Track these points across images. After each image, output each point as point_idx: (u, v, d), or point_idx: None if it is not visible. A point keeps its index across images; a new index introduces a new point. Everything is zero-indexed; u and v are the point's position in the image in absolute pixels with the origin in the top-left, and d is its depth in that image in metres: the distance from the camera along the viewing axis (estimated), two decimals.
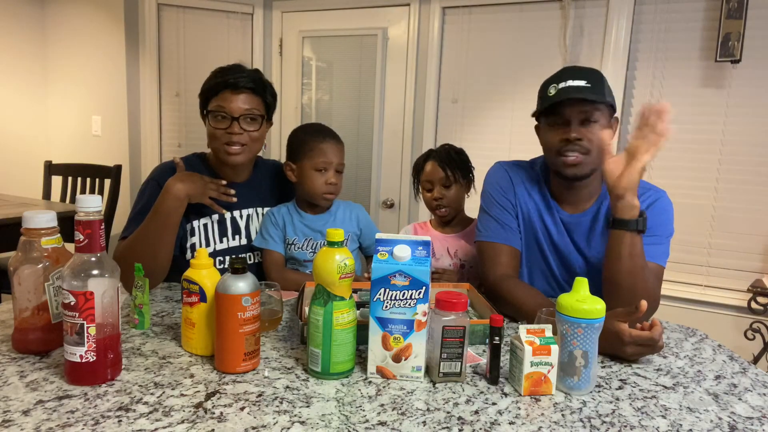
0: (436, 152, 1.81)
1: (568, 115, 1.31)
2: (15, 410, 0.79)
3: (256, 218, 1.58)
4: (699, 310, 2.56)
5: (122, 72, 3.34)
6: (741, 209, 2.49)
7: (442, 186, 1.76)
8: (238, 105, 1.43)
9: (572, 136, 1.30)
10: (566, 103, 1.30)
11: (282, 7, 3.41)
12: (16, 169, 3.66)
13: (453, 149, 1.82)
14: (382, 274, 0.92)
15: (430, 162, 1.80)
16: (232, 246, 1.53)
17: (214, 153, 1.51)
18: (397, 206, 3.27)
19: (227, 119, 1.43)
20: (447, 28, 3.04)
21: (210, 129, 1.46)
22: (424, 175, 1.81)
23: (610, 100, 1.32)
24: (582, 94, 1.27)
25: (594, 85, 1.30)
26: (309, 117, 3.41)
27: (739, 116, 2.46)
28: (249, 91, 1.45)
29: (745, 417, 0.88)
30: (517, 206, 1.45)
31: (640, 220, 1.22)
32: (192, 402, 0.84)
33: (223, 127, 1.44)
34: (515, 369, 0.94)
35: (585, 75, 1.32)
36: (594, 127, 1.30)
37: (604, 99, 1.29)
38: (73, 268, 0.86)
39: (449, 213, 1.80)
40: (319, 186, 1.50)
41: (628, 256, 1.22)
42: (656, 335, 1.03)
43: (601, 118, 1.31)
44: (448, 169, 1.75)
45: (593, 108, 1.29)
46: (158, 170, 1.52)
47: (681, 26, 2.52)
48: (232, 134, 1.44)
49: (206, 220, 1.50)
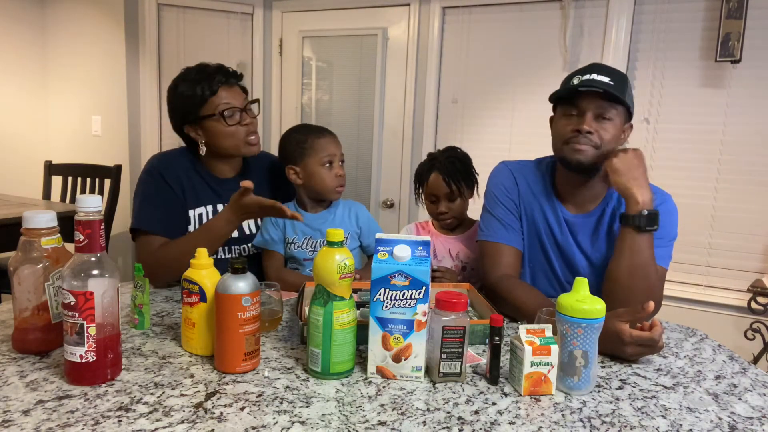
0: (440, 163, 1.74)
1: (585, 106, 1.30)
2: (15, 410, 0.79)
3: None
4: (699, 310, 2.56)
5: (122, 72, 3.34)
6: (741, 209, 2.49)
7: (447, 200, 1.74)
8: (238, 97, 1.47)
9: (584, 128, 1.29)
10: (586, 94, 1.29)
11: (282, 7, 3.41)
12: (16, 169, 3.66)
13: (457, 158, 1.76)
14: (382, 274, 0.92)
15: (434, 174, 1.75)
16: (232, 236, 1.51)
17: (230, 150, 1.49)
18: (397, 206, 3.27)
19: (236, 114, 1.45)
20: (447, 28, 3.04)
21: (225, 129, 1.45)
22: (427, 188, 1.77)
23: (629, 103, 1.31)
24: (605, 87, 1.26)
25: (617, 84, 1.29)
26: (309, 117, 3.41)
27: (739, 116, 2.46)
28: (234, 82, 1.49)
29: (745, 417, 0.88)
30: (520, 206, 1.45)
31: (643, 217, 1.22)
32: (192, 402, 0.84)
33: (238, 123, 1.46)
34: (515, 369, 0.94)
35: (611, 73, 1.31)
36: (607, 124, 1.30)
37: (623, 99, 1.28)
38: (73, 268, 0.86)
39: (453, 223, 1.79)
40: (330, 181, 1.51)
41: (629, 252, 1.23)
42: (656, 335, 1.03)
43: (616, 118, 1.30)
44: (453, 184, 1.71)
45: (611, 105, 1.29)
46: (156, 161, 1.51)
47: (681, 26, 2.53)
48: (249, 125, 1.47)
49: (202, 210, 1.51)
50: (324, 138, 1.52)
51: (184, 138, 1.53)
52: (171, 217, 1.46)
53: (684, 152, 2.56)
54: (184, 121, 1.49)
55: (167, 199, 1.47)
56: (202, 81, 1.44)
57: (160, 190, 1.46)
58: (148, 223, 1.44)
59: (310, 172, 1.51)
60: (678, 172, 2.58)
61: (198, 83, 1.44)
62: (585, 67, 1.35)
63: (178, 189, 1.49)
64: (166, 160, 1.52)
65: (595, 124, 1.30)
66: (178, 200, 1.48)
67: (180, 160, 1.53)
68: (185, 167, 1.52)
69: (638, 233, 1.22)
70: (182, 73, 1.49)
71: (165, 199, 1.47)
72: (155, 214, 1.44)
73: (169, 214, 1.46)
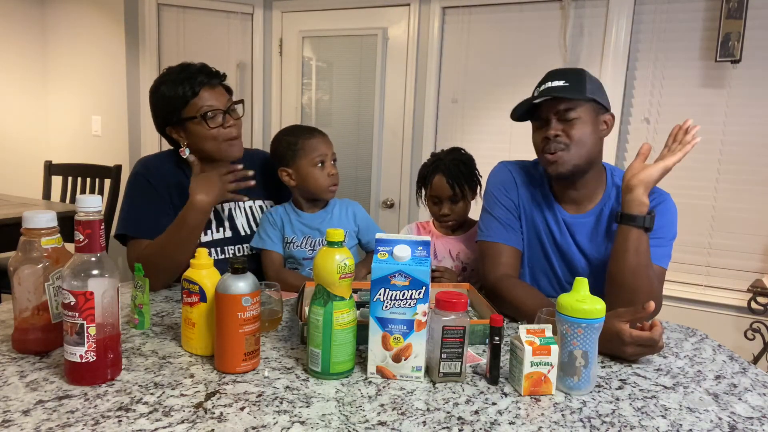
0: (444, 165, 1.74)
1: (546, 114, 1.33)
2: (15, 410, 0.79)
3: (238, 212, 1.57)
4: (699, 310, 2.56)
5: (122, 72, 3.34)
6: (741, 209, 2.49)
7: (451, 202, 1.74)
8: (221, 99, 1.44)
9: (550, 134, 1.32)
10: (544, 103, 1.32)
11: (282, 7, 3.41)
12: (16, 169, 3.66)
13: (461, 161, 1.75)
14: (382, 274, 0.92)
15: (438, 176, 1.74)
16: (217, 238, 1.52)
17: (213, 153, 1.45)
18: (397, 206, 3.27)
19: (218, 116, 1.42)
20: (447, 28, 3.04)
21: (207, 132, 1.42)
22: (431, 189, 1.77)
23: (593, 96, 1.32)
24: (556, 93, 1.29)
25: (573, 83, 1.31)
26: (309, 117, 3.41)
27: (739, 116, 2.46)
28: (217, 82, 1.46)
29: (745, 417, 0.88)
30: (519, 207, 1.45)
31: (648, 218, 1.23)
32: (192, 402, 0.84)
33: (220, 125, 1.42)
34: (515, 369, 0.94)
35: (565, 75, 1.34)
36: (574, 123, 1.31)
37: (582, 95, 1.30)
38: (73, 268, 0.86)
39: (455, 224, 1.80)
40: (323, 180, 1.51)
41: (634, 252, 1.23)
42: (657, 336, 1.03)
43: (583, 115, 1.32)
44: (457, 187, 1.71)
45: (570, 105, 1.31)
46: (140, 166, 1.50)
47: (681, 26, 2.53)
48: (232, 128, 1.44)
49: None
50: (314, 138, 1.52)
51: (168, 139, 1.50)
52: (157, 219, 1.43)
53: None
54: (167, 123, 1.45)
55: (152, 202, 1.46)
56: (184, 82, 1.41)
57: (146, 193, 1.45)
58: (133, 227, 1.43)
59: (302, 173, 1.51)
60: (678, 172, 2.53)
61: (180, 84, 1.41)
62: (542, 77, 1.38)
63: (164, 191, 1.47)
64: (152, 163, 1.51)
65: (562, 126, 1.32)
66: (165, 202, 1.47)
67: (166, 162, 1.52)
68: (172, 169, 1.51)
69: (644, 234, 1.24)
70: (164, 73, 1.46)
71: (150, 203, 1.45)
72: (140, 218, 1.43)
73: (155, 216, 1.44)
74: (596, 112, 1.35)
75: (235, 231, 1.55)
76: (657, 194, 1.37)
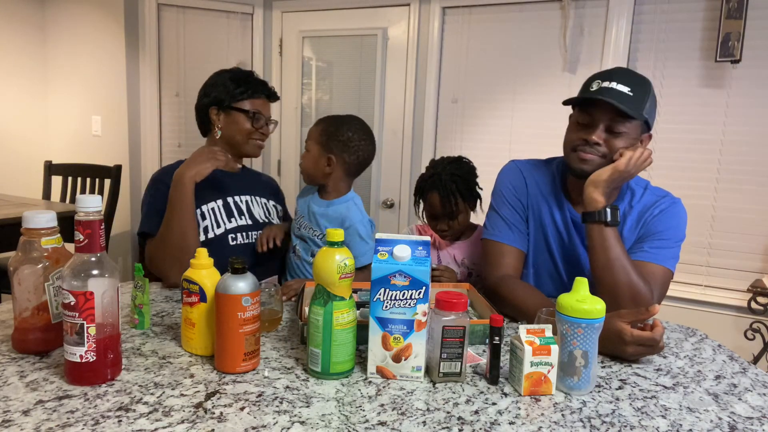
0: (441, 182, 1.69)
1: (598, 117, 1.28)
2: (15, 410, 0.79)
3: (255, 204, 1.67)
4: (699, 310, 2.57)
5: (122, 72, 3.34)
6: (741, 209, 2.49)
7: (448, 218, 1.72)
8: (267, 111, 1.68)
9: (592, 139, 1.28)
10: (599, 103, 1.26)
11: (282, 7, 3.41)
12: (16, 169, 3.66)
13: (459, 176, 1.70)
14: (382, 274, 0.92)
15: (434, 194, 1.70)
16: (241, 224, 1.60)
17: (239, 145, 1.64)
18: (397, 206, 3.27)
19: (262, 120, 1.64)
20: (447, 28, 3.04)
21: (247, 127, 1.62)
22: (427, 206, 1.75)
23: (647, 116, 1.28)
24: (616, 101, 1.22)
25: (636, 94, 1.25)
26: (309, 117, 3.41)
27: (739, 116, 2.46)
28: (273, 101, 1.72)
29: (745, 417, 0.88)
30: (528, 207, 1.44)
31: (603, 212, 1.23)
32: (192, 402, 0.84)
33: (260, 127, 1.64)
34: (515, 369, 0.94)
35: (631, 81, 1.26)
36: (618, 138, 1.27)
37: (639, 114, 1.25)
38: (73, 268, 0.86)
39: (454, 237, 1.78)
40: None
41: (601, 248, 1.23)
42: (658, 336, 1.03)
43: (631, 131, 1.27)
44: (454, 205, 1.69)
45: (624, 120, 1.26)
46: (157, 174, 1.61)
47: (681, 26, 2.53)
48: (265, 135, 1.67)
49: (213, 204, 1.58)
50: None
51: (202, 118, 1.65)
52: None
53: (684, 152, 2.56)
54: (215, 103, 1.61)
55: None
56: (252, 82, 1.63)
57: (165, 195, 1.50)
58: (149, 226, 1.51)
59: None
60: (678, 172, 2.58)
61: (247, 82, 1.62)
62: (607, 71, 1.32)
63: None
64: (168, 169, 1.60)
65: (606, 136, 1.28)
66: None
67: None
68: None
69: (607, 228, 1.23)
70: (236, 68, 1.69)
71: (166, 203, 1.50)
72: (157, 218, 1.49)
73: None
74: (641, 130, 1.30)
75: (254, 219, 1.64)
76: (668, 198, 1.36)
